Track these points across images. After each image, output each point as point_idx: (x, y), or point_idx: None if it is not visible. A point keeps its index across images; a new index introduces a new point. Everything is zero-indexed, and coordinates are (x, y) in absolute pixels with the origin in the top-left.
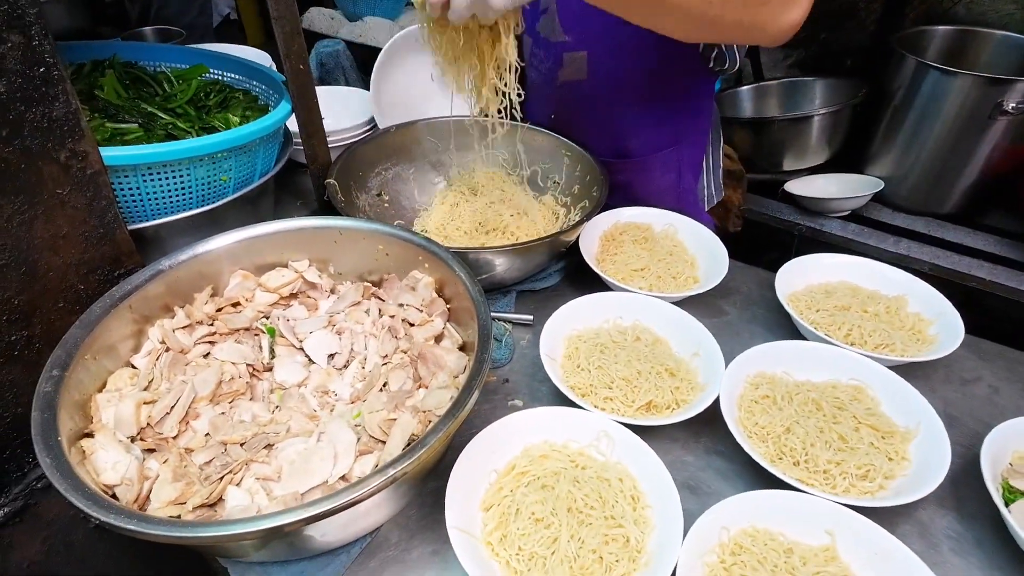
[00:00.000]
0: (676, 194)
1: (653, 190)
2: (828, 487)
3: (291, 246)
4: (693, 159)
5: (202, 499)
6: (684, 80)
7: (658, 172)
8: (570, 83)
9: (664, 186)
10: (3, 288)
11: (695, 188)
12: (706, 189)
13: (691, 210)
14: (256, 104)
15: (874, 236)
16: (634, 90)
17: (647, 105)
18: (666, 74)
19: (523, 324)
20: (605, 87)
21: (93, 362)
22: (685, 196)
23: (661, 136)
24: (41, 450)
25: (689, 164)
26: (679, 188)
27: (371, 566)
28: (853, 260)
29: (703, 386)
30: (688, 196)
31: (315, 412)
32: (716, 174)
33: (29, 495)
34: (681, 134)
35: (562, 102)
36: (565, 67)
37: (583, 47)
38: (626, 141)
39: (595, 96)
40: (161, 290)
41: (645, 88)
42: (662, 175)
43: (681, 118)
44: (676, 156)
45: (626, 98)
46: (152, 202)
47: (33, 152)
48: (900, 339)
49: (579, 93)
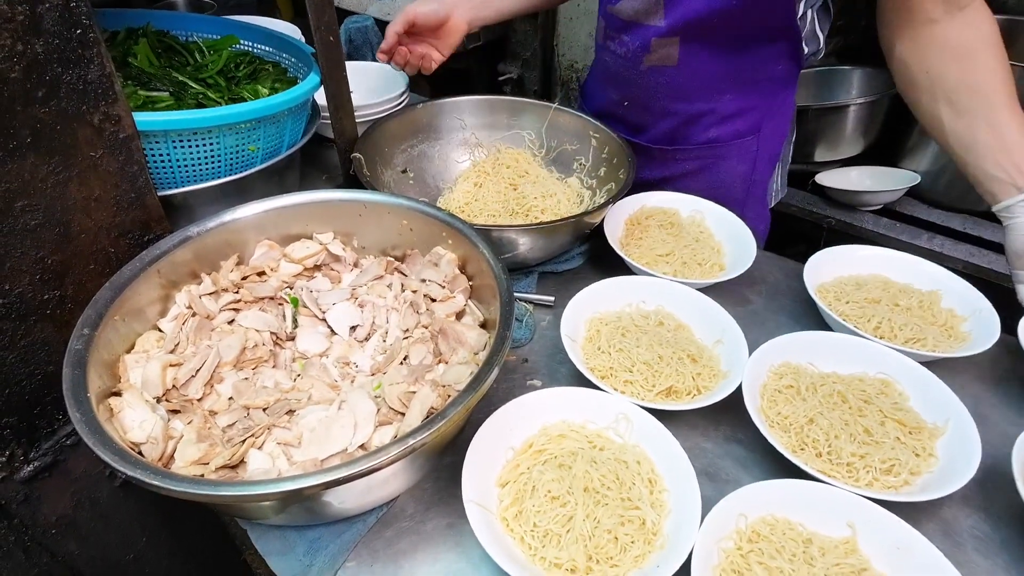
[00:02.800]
0: (747, 185)
1: (724, 179)
2: (851, 480)
3: (316, 218)
4: (771, 150)
5: (224, 460)
6: (773, 67)
7: (734, 161)
8: (657, 68)
9: (736, 176)
10: (37, 247)
11: (767, 181)
12: (777, 181)
13: (757, 205)
14: (285, 76)
15: (907, 231)
16: (723, 78)
17: (734, 94)
18: (757, 61)
19: (544, 305)
20: (695, 74)
21: (122, 323)
22: (755, 188)
23: (742, 124)
24: (72, 405)
25: (766, 155)
26: (751, 179)
27: (387, 536)
28: (886, 252)
29: (725, 373)
30: (758, 189)
31: (336, 382)
32: (785, 168)
33: (58, 451)
34: (763, 123)
35: (642, 87)
36: (653, 52)
37: (677, 33)
38: (706, 129)
39: (682, 83)
40: (188, 256)
41: (734, 76)
42: (737, 164)
43: (765, 107)
44: (754, 146)
45: (714, 86)
46: (181, 169)
47: (68, 114)
48: (932, 334)
49: (664, 79)
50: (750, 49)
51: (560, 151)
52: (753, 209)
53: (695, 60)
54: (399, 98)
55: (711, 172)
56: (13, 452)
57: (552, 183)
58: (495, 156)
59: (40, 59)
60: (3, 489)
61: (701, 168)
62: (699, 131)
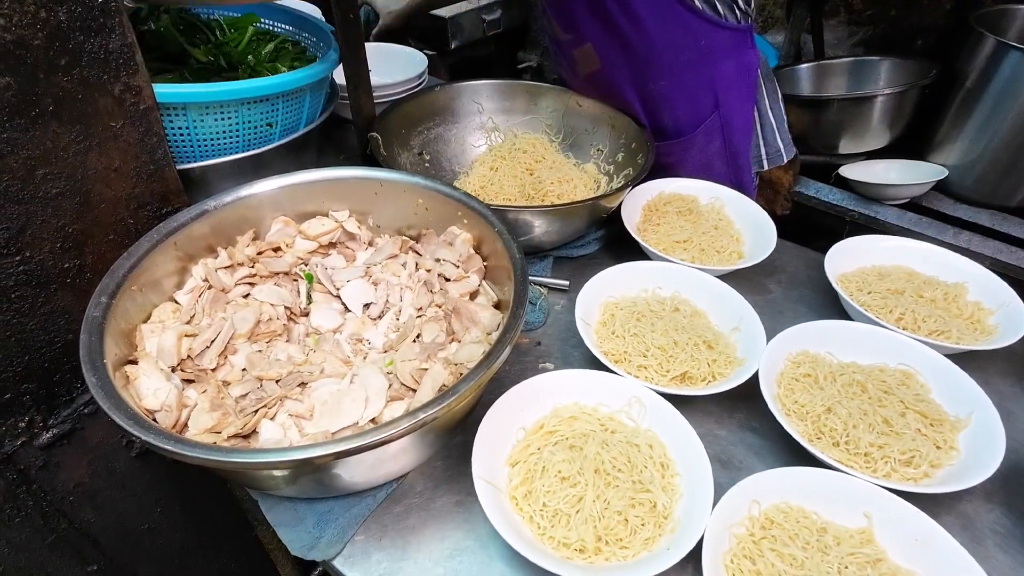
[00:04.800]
0: (726, 157)
1: (703, 161)
2: (868, 470)
3: (332, 195)
4: (742, 119)
5: (237, 429)
6: (697, 42)
7: (703, 140)
8: (590, 75)
9: (712, 154)
10: (58, 216)
11: (747, 148)
12: (764, 147)
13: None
14: (305, 55)
15: (933, 227)
16: (648, 66)
17: (671, 78)
18: (674, 43)
19: (559, 289)
20: (620, 71)
21: (139, 294)
22: (736, 158)
23: (698, 104)
24: (88, 370)
25: (737, 126)
26: (727, 151)
27: (396, 511)
28: (911, 243)
29: (741, 360)
30: (741, 158)
31: (349, 358)
32: (781, 128)
33: (77, 419)
34: (718, 97)
35: (592, 94)
36: (579, 62)
37: (587, 39)
38: (664, 119)
39: (616, 82)
40: (205, 230)
41: (659, 61)
42: (708, 143)
43: (712, 81)
44: (718, 122)
45: (646, 76)
46: (200, 143)
47: (90, 83)
48: (957, 327)
49: (601, 82)
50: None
51: (577, 137)
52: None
53: (614, 58)
54: (417, 80)
55: (690, 159)
56: (32, 418)
57: (569, 168)
58: (512, 141)
59: (63, 26)
60: (23, 454)
61: (680, 159)
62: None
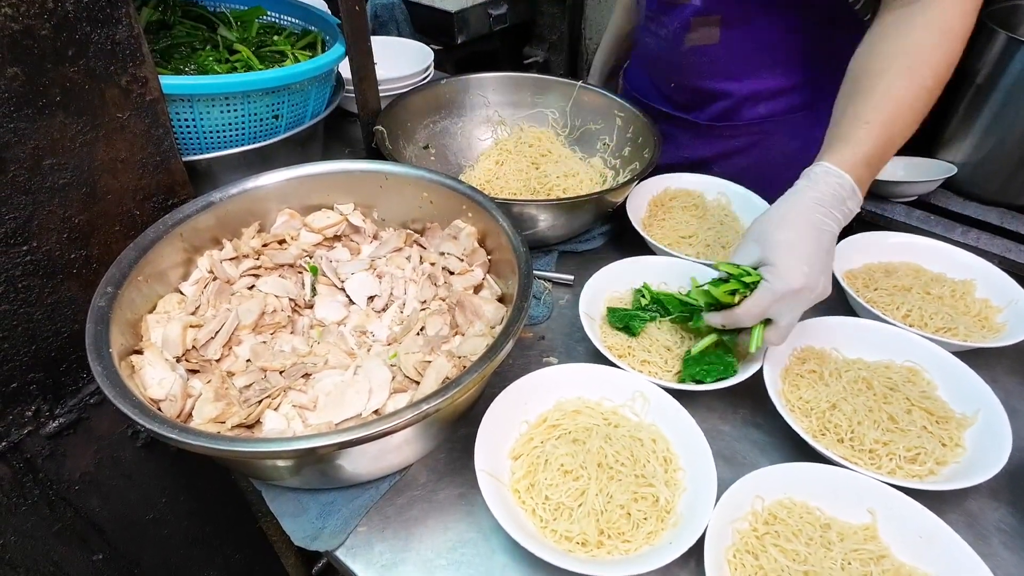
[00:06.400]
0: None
1: (772, 156)
2: (873, 467)
3: (338, 188)
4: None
5: (241, 419)
6: (828, 37)
7: (783, 137)
8: (698, 48)
9: (787, 153)
10: (65, 207)
11: None
12: None
13: None
14: (312, 47)
15: (941, 224)
16: (772, 51)
17: (785, 67)
18: (808, 30)
19: (563, 284)
20: (740, 51)
21: (145, 284)
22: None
23: (796, 99)
24: (93, 359)
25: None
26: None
27: (399, 503)
28: (918, 240)
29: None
30: None
31: (352, 350)
32: None
33: (83, 409)
34: (818, 98)
35: (686, 68)
36: (693, 31)
37: (716, 9)
38: (755, 106)
39: (726, 61)
40: (211, 222)
41: (784, 49)
42: (788, 141)
43: (823, 81)
44: (808, 122)
45: (761, 62)
46: (206, 135)
47: (97, 74)
48: (964, 324)
49: (707, 58)
50: (799, 21)
51: (584, 130)
52: None
53: (738, 36)
54: (423, 73)
55: (759, 149)
56: (39, 407)
57: (575, 163)
58: (518, 134)
59: (70, 17)
60: (29, 443)
61: (749, 145)
62: (748, 108)
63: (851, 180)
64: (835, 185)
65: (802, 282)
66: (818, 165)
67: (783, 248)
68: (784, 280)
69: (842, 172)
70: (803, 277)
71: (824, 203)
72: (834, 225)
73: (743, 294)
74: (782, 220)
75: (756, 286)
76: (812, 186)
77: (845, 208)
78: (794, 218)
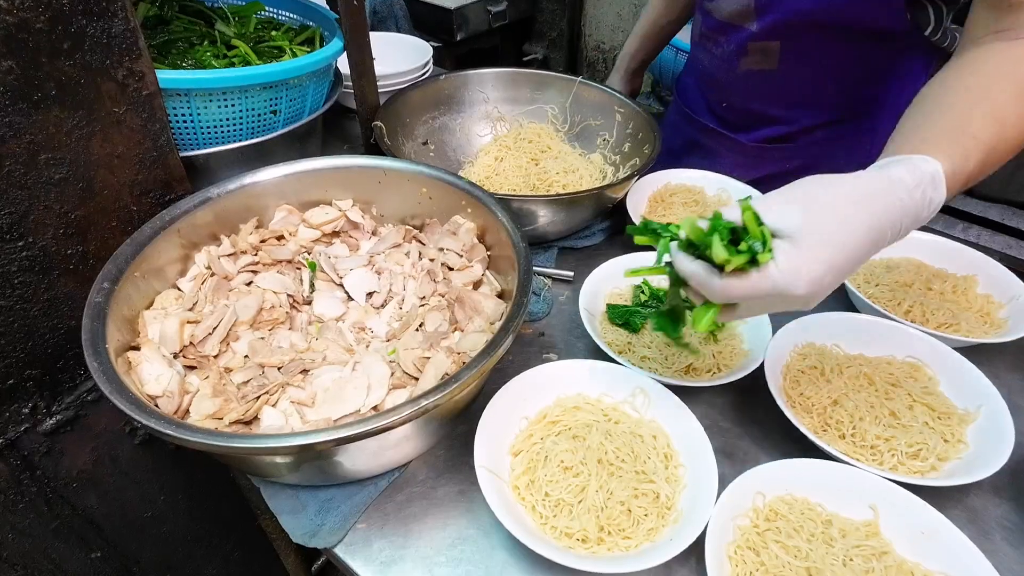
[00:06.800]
0: None
1: None
2: (875, 462)
3: (336, 184)
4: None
5: (238, 416)
6: (891, 65)
7: (841, 160)
8: (754, 72)
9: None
10: (61, 202)
11: None
12: None
13: None
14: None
15: (941, 221)
16: (833, 76)
17: (847, 92)
18: (871, 62)
19: (563, 280)
20: (799, 75)
21: (142, 280)
22: None
23: (854, 122)
24: (90, 355)
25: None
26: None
27: (398, 499)
28: (919, 235)
29: (747, 352)
30: None
31: (351, 346)
32: None
33: (80, 406)
34: (880, 119)
35: (739, 91)
36: (749, 55)
37: (775, 36)
38: (814, 130)
39: (783, 88)
40: (209, 218)
41: (844, 75)
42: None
43: (884, 102)
44: (869, 141)
45: (820, 90)
46: (203, 130)
47: (92, 68)
48: (966, 320)
49: (763, 83)
50: (862, 50)
51: (584, 126)
52: None
53: (797, 64)
54: (422, 69)
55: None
56: (36, 404)
57: (574, 159)
58: (517, 130)
59: (65, 10)
60: (26, 441)
61: (800, 168)
62: (804, 136)
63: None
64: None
65: (809, 289)
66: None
67: (819, 232)
68: (794, 276)
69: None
70: (814, 284)
71: (909, 188)
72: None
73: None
74: (848, 194)
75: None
76: (898, 166)
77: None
78: (860, 197)
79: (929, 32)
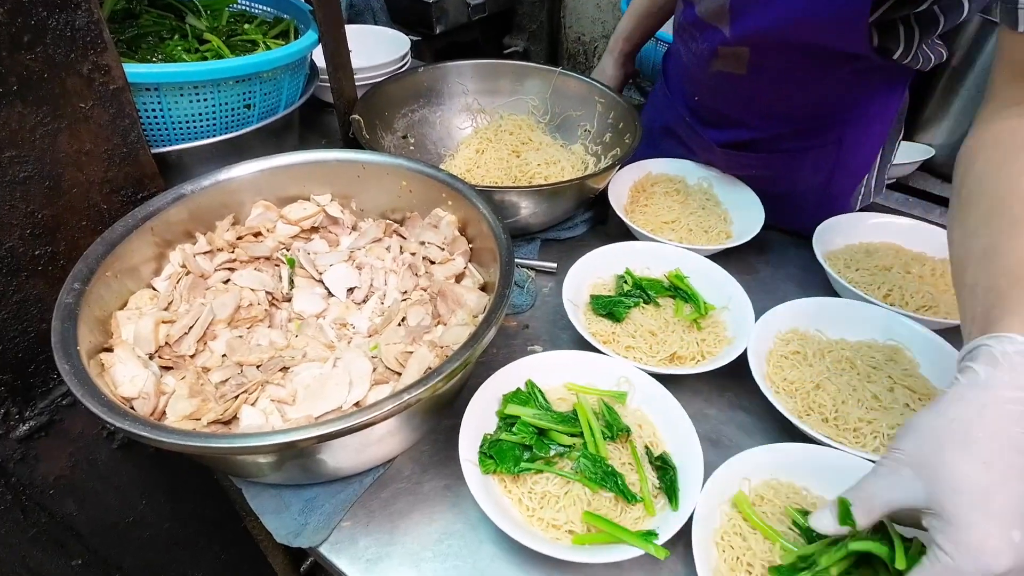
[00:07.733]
0: (821, 199)
1: (797, 188)
2: (858, 445)
3: (314, 179)
4: (858, 161)
5: (217, 415)
6: (859, 78)
7: (807, 172)
8: (724, 74)
9: (809, 186)
10: (27, 201)
11: (848, 195)
12: (863, 188)
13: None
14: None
15: (920, 206)
16: (800, 88)
17: (813, 108)
18: (839, 79)
19: (546, 272)
20: (767, 84)
21: (115, 280)
22: (835, 202)
23: (820, 135)
24: (60, 358)
25: (849, 167)
26: (826, 192)
27: (383, 496)
28: (898, 220)
29: (730, 339)
30: (838, 203)
31: (332, 342)
32: (883, 171)
33: (54, 411)
34: (846, 134)
35: (709, 89)
36: (720, 57)
37: (746, 43)
38: (780, 140)
39: (752, 91)
40: (183, 216)
41: (815, 88)
42: (811, 175)
43: (851, 119)
44: (833, 156)
45: (790, 95)
46: (175, 126)
47: (56, 62)
48: (945, 302)
49: (731, 86)
50: (828, 68)
51: (564, 117)
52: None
53: (766, 72)
54: (400, 62)
55: (782, 181)
56: (8, 410)
57: (555, 150)
58: (497, 123)
59: (24, 2)
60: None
61: (769, 176)
62: (769, 140)
63: None
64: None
65: (1011, 560)
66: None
67: (969, 496)
68: (975, 557)
69: None
70: (1010, 551)
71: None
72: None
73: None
74: (963, 438)
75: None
76: (1002, 374)
77: None
78: (981, 434)
79: (898, 56)
